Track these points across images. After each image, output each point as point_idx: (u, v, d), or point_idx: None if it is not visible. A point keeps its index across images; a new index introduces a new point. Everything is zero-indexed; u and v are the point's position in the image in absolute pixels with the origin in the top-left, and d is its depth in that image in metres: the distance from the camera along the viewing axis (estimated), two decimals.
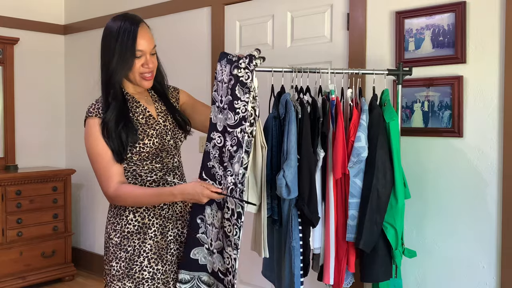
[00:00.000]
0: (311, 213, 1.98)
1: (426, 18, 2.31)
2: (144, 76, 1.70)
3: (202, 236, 1.68)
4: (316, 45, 2.74)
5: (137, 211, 1.72)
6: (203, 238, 1.68)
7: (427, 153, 2.34)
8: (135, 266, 1.69)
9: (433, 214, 2.33)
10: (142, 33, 1.66)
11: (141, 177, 1.72)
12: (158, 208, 1.74)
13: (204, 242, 1.68)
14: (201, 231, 1.68)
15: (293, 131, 1.96)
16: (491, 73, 2.17)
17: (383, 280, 2.05)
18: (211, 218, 1.67)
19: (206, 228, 1.68)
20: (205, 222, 1.68)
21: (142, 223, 1.72)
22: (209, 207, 1.67)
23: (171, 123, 1.80)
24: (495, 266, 2.19)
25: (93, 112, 1.69)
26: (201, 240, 1.68)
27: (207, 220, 1.67)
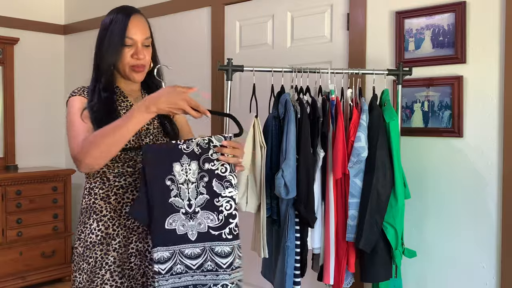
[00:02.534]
0: (308, 213, 1.98)
1: (426, 18, 2.31)
2: (134, 68, 1.55)
3: (175, 200, 1.42)
4: (316, 45, 2.74)
5: (101, 220, 1.54)
6: (176, 202, 1.42)
7: (427, 153, 2.34)
8: (96, 279, 1.53)
9: (433, 214, 2.33)
10: (135, 22, 1.55)
11: (108, 181, 1.54)
12: (123, 218, 1.54)
13: (179, 206, 1.42)
14: (173, 194, 1.42)
15: (292, 131, 1.96)
16: (491, 73, 2.17)
17: (383, 280, 2.05)
18: (183, 175, 1.43)
19: (178, 189, 1.42)
20: (176, 183, 1.42)
21: (106, 233, 1.53)
22: (177, 163, 1.43)
23: (155, 127, 1.62)
24: (495, 266, 2.19)
25: (77, 92, 1.59)
26: (174, 205, 1.42)
27: (178, 179, 1.42)
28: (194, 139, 1.43)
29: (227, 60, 2.17)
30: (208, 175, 1.43)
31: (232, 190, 1.43)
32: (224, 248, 1.43)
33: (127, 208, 1.53)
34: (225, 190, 1.43)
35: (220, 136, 1.43)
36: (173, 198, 1.42)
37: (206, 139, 1.43)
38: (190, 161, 1.42)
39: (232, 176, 1.44)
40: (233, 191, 1.44)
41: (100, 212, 1.54)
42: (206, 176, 1.43)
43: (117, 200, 1.54)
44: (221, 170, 1.43)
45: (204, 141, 1.43)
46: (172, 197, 1.42)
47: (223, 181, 1.43)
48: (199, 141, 1.43)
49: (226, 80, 2.15)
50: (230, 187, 1.43)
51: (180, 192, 1.43)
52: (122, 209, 1.54)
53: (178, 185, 1.42)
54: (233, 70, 2.14)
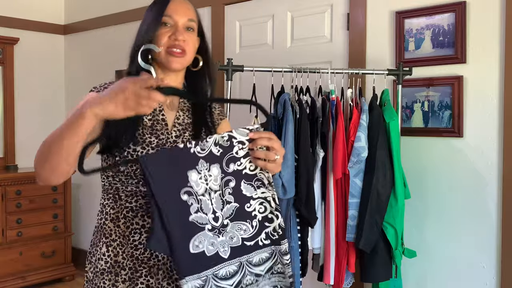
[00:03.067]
0: (309, 213, 1.98)
1: (426, 18, 2.31)
2: (171, 50, 1.27)
3: (197, 217, 1.17)
4: (316, 45, 2.74)
5: (111, 245, 1.29)
6: (199, 219, 1.17)
7: (427, 153, 2.34)
8: None
9: (433, 214, 2.33)
10: (177, 1, 1.33)
11: (120, 201, 1.30)
12: (130, 246, 1.28)
13: (203, 223, 1.18)
14: (194, 210, 1.17)
15: (290, 131, 1.96)
16: (491, 73, 2.17)
17: (383, 280, 2.05)
18: (202, 185, 1.17)
19: (199, 202, 1.17)
20: (195, 195, 1.17)
21: (115, 260, 1.29)
22: (193, 171, 1.16)
23: (186, 140, 1.34)
24: (495, 266, 2.18)
25: (98, 87, 1.33)
26: (197, 222, 1.17)
27: (196, 191, 1.17)
28: (209, 138, 1.17)
29: (227, 60, 2.17)
30: (234, 178, 1.19)
31: (264, 190, 1.21)
32: (262, 255, 1.23)
33: (135, 235, 1.27)
34: (257, 191, 1.20)
35: (244, 129, 1.18)
36: (194, 214, 1.17)
37: (225, 136, 1.17)
38: (209, 166, 1.17)
39: (263, 173, 1.20)
40: (266, 191, 1.21)
41: (109, 235, 1.30)
42: (232, 180, 1.19)
43: (126, 224, 1.28)
44: (250, 168, 1.19)
45: (223, 138, 1.17)
46: (193, 214, 1.17)
47: (253, 181, 1.20)
48: (217, 140, 1.17)
49: (226, 80, 2.15)
50: (262, 186, 1.21)
51: (202, 206, 1.17)
52: (130, 236, 1.28)
53: (197, 198, 1.16)
54: (233, 70, 2.14)
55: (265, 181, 1.21)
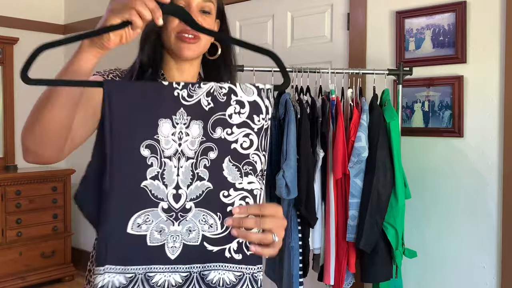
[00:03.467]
0: (309, 213, 1.98)
1: (426, 18, 2.31)
2: (182, 36, 1.10)
3: (153, 185, 0.85)
4: (316, 45, 2.74)
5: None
6: (155, 189, 0.85)
7: (428, 153, 2.33)
8: None
9: (434, 214, 2.33)
10: None
11: None
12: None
13: (158, 196, 0.85)
14: (151, 174, 0.85)
15: (292, 131, 1.96)
16: (492, 73, 2.17)
17: (383, 280, 2.05)
18: (174, 144, 0.85)
19: (162, 165, 0.85)
20: (159, 154, 0.85)
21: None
22: (167, 121, 0.86)
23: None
24: (495, 266, 2.18)
25: (102, 72, 1.15)
26: (150, 193, 0.85)
27: (163, 149, 0.85)
28: (203, 84, 0.86)
29: None
30: (218, 149, 0.86)
31: (254, 179, 0.88)
32: (224, 276, 0.87)
33: None
34: (243, 179, 0.87)
35: (251, 86, 0.88)
36: (150, 181, 0.84)
37: (225, 87, 0.87)
38: (190, 121, 0.85)
39: (259, 157, 0.88)
40: (255, 181, 0.88)
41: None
42: (214, 150, 0.86)
43: None
44: (242, 144, 0.87)
45: (222, 89, 0.86)
46: (149, 179, 0.84)
47: (241, 163, 0.87)
48: (213, 89, 0.86)
49: None
50: (251, 174, 0.88)
51: (164, 173, 0.84)
52: None
53: (162, 160, 0.84)
54: None
55: (257, 167, 0.88)
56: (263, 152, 0.89)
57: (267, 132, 0.89)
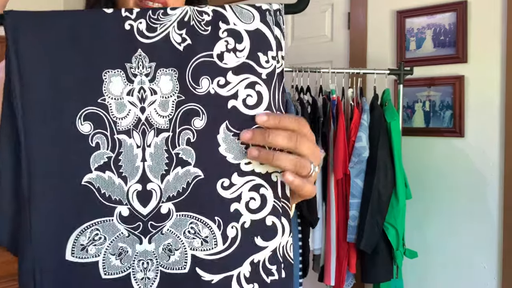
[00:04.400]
0: (310, 213, 1.97)
1: (427, 18, 2.30)
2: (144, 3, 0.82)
3: (102, 180, 0.54)
4: (316, 45, 2.73)
5: None
6: (105, 184, 0.54)
7: (428, 153, 2.33)
8: None
9: (434, 215, 2.33)
10: None
11: None
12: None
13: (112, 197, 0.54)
14: (97, 163, 0.54)
15: None
16: (493, 72, 2.16)
17: (384, 280, 2.04)
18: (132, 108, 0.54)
19: (115, 146, 0.54)
20: (108, 126, 0.54)
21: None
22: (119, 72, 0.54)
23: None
24: (496, 266, 2.18)
25: None
26: (97, 191, 0.54)
27: (114, 115, 0.54)
28: (171, 10, 0.55)
29: None
30: (207, 111, 0.55)
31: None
32: None
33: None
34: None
35: (250, 8, 0.57)
36: (96, 173, 0.54)
37: (208, 12, 0.55)
38: (154, 69, 0.55)
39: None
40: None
41: None
42: (201, 113, 0.55)
43: None
44: (247, 99, 0.55)
45: (203, 15, 0.55)
46: (94, 171, 0.54)
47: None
48: (189, 14, 0.55)
49: None
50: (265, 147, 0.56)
51: (120, 157, 0.54)
52: None
53: (114, 137, 0.54)
54: None
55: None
56: (278, 112, 0.55)
57: (281, 80, 0.56)
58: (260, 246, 0.54)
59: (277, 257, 0.55)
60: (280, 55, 0.57)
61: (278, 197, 0.55)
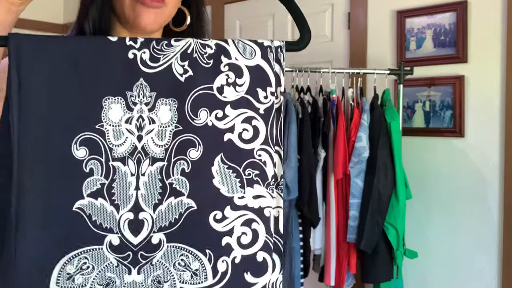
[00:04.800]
0: (311, 213, 1.97)
1: (427, 18, 2.30)
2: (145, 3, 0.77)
3: (94, 207, 0.53)
4: (316, 45, 2.73)
5: None
6: (96, 212, 0.53)
7: (429, 153, 2.33)
8: None
9: (434, 215, 2.32)
10: None
11: None
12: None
13: (103, 225, 0.53)
14: (90, 189, 0.53)
15: (293, 132, 1.95)
16: (493, 72, 2.16)
17: (384, 281, 2.04)
18: (129, 136, 0.54)
19: (109, 173, 0.54)
20: (104, 153, 0.54)
21: None
22: (119, 100, 0.54)
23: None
24: (496, 267, 2.18)
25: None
26: (88, 218, 0.53)
27: (110, 142, 0.54)
28: (175, 42, 0.56)
29: None
30: (203, 142, 0.56)
31: (263, 191, 0.57)
32: None
33: None
34: (245, 190, 0.56)
35: (251, 44, 0.58)
36: (89, 199, 0.53)
37: (211, 45, 0.57)
38: (154, 98, 0.55)
39: (269, 154, 0.56)
40: (266, 195, 0.56)
41: None
42: (197, 144, 0.55)
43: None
44: (242, 134, 0.56)
45: (206, 48, 0.56)
46: (87, 197, 0.53)
47: (242, 165, 0.56)
48: (192, 47, 0.56)
49: None
50: (259, 182, 0.56)
51: (114, 185, 0.54)
52: None
53: (108, 164, 0.54)
54: None
55: (268, 171, 0.56)
56: (275, 147, 0.56)
57: (279, 115, 0.58)
58: (250, 282, 0.55)
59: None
60: (279, 91, 0.59)
61: (270, 233, 0.56)
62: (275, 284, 0.56)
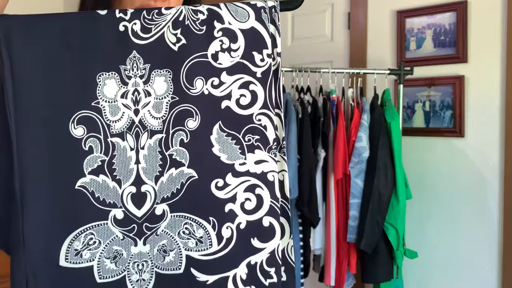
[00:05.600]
0: (311, 213, 1.97)
1: (427, 18, 2.30)
2: (148, 3, 0.74)
3: (96, 183, 0.53)
4: (316, 45, 2.73)
5: None
6: (101, 189, 0.54)
7: (429, 153, 2.33)
8: None
9: (434, 215, 2.32)
10: None
11: None
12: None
13: (107, 200, 0.54)
14: (91, 166, 0.53)
15: (293, 131, 1.95)
16: (493, 72, 2.16)
17: (384, 281, 2.04)
18: (125, 110, 0.53)
19: (108, 149, 0.53)
20: (102, 129, 0.53)
21: None
22: (113, 75, 0.53)
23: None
24: (497, 267, 2.18)
25: None
26: (91, 195, 0.54)
27: (107, 118, 0.53)
28: (166, 10, 0.55)
29: None
30: (200, 111, 0.55)
31: (265, 156, 0.55)
32: None
33: None
34: (246, 156, 0.55)
35: (245, 6, 0.58)
36: (90, 176, 0.53)
37: (203, 11, 0.56)
38: (148, 70, 0.54)
39: (269, 118, 0.56)
40: (268, 159, 0.55)
41: None
42: (194, 114, 0.55)
43: None
44: (240, 99, 0.56)
45: (198, 14, 0.55)
46: (88, 175, 0.53)
47: (241, 131, 0.56)
48: (183, 14, 0.54)
49: None
50: (260, 147, 0.56)
51: (114, 160, 0.54)
52: None
53: (107, 140, 0.53)
54: None
55: (268, 135, 0.55)
56: (275, 110, 0.55)
57: (277, 77, 0.58)
58: (257, 247, 0.54)
59: (276, 260, 0.54)
60: (275, 52, 0.60)
61: (275, 197, 0.55)
62: (286, 249, 0.55)
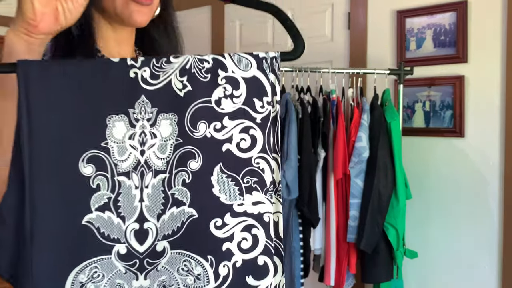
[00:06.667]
0: (311, 213, 1.97)
1: (427, 17, 2.30)
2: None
3: (102, 220, 0.57)
4: (317, 45, 2.73)
5: None
6: (106, 225, 0.58)
7: (429, 153, 2.33)
8: None
9: (434, 215, 2.32)
10: None
11: None
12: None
13: (112, 237, 0.58)
14: (98, 203, 0.57)
15: (293, 131, 1.95)
16: (493, 72, 2.16)
17: (384, 281, 2.04)
18: (132, 151, 0.58)
19: (114, 187, 0.58)
20: (109, 168, 0.57)
21: None
22: (122, 117, 0.58)
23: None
24: (497, 267, 2.18)
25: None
26: (97, 231, 0.57)
27: (115, 158, 0.58)
28: (174, 58, 0.59)
29: None
30: (202, 154, 0.58)
31: (262, 198, 0.59)
32: None
33: None
34: (244, 198, 0.59)
35: (247, 56, 0.61)
36: (97, 213, 0.57)
37: (208, 60, 0.59)
38: (156, 114, 0.58)
39: (267, 162, 0.59)
40: (265, 201, 0.59)
41: None
42: (197, 155, 0.58)
43: None
44: (240, 143, 0.59)
45: (204, 63, 0.59)
46: (95, 211, 0.57)
47: (240, 173, 0.59)
48: (190, 63, 0.59)
49: None
50: (258, 189, 0.59)
51: (119, 198, 0.57)
52: None
53: (114, 179, 0.57)
54: None
55: (266, 178, 0.59)
56: (273, 154, 0.58)
57: (276, 123, 0.60)
58: (252, 285, 0.58)
59: None
60: (275, 100, 0.62)
61: (270, 237, 0.59)
62: (278, 286, 0.59)
